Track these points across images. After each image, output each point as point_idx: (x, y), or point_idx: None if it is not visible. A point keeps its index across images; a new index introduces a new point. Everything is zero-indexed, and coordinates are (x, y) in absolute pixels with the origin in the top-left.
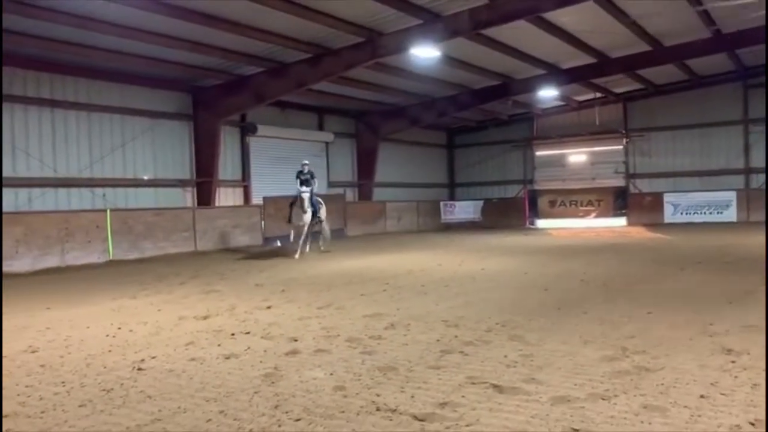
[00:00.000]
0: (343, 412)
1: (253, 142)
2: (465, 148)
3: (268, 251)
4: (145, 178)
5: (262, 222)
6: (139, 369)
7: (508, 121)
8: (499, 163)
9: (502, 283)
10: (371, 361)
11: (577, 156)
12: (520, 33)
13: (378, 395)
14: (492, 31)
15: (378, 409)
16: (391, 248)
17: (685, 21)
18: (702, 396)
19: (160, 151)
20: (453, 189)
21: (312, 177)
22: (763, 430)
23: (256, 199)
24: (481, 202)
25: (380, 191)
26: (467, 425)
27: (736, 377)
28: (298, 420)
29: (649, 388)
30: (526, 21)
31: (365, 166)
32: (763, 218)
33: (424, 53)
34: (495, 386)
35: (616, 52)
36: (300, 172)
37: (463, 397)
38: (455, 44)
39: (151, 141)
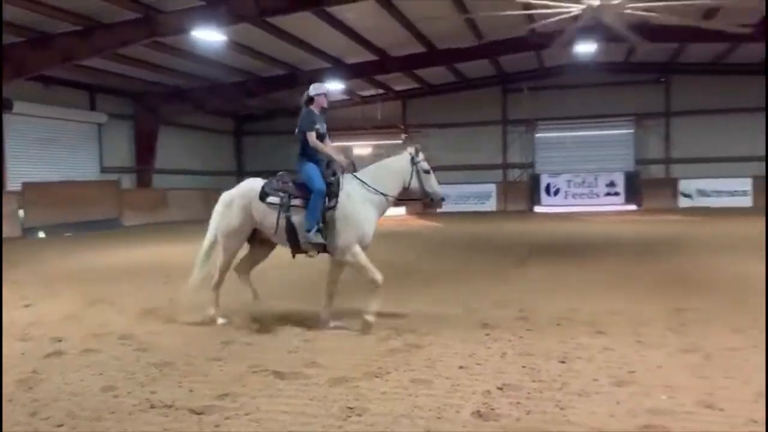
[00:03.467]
0: (113, 412)
1: (8, 120)
2: (255, 136)
3: None
4: None
5: (21, 211)
6: None
7: (296, 112)
8: (288, 153)
9: (292, 270)
10: (147, 357)
11: (361, 149)
12: (306, 25)
13: (153, 392)
14: (279, 21)
15: (152, 407)
16: (174, 239)
17: (455, 27)
18: (461, 367)
19: None
20: (242, 178)
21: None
22: (514, 392)
23: (14, 185)
24: None
25: (162, 178)
26: (246, 414)
27: (489, 348)
28: (59, 426)
29: (417, 364)
30: (312, 13)
31: (145, 150)
32: (517, 208)
33: (208, 36)
34: (276, 373)
35: (395, 51)
36: (312, 114)
37: (243, 386)
38: (242, 30)
39: None
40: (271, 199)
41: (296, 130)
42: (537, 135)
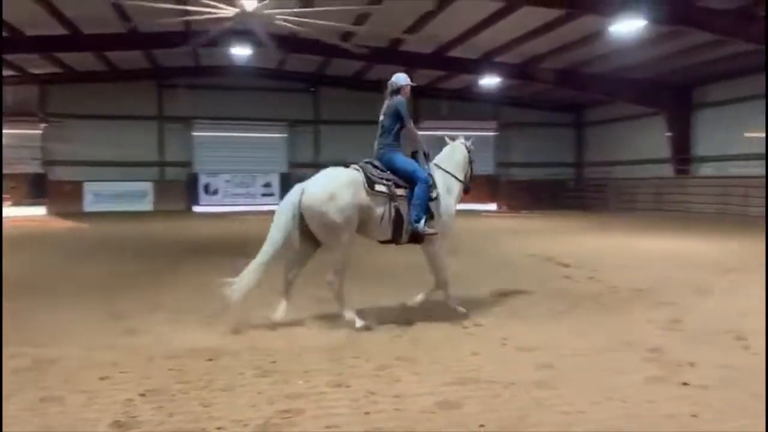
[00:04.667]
0: None
1: None
2: None
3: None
4: None
5: None
6: None
7: None
8: None
9: None
10: None
11: None
12: None
13: None
14: None
15: None
16: None
17: (103, 12)
18: (102, 378)
19: None
20: None
21: None
22: (157, 396)
23: None
24: None
25: None
26: None
27: (135, 355)
28: None
29: (50, 381)
30: None
31: None
32: (175, 207)
33: None
34: None
35: (30, 30)
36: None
37: None
38: None
39: None
40: (378, 187)
41: (385, 120)
42: (195, 134)
